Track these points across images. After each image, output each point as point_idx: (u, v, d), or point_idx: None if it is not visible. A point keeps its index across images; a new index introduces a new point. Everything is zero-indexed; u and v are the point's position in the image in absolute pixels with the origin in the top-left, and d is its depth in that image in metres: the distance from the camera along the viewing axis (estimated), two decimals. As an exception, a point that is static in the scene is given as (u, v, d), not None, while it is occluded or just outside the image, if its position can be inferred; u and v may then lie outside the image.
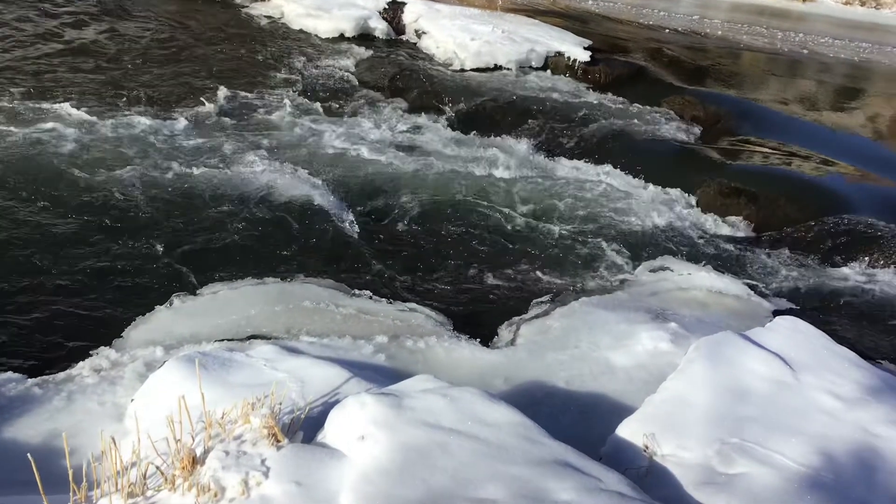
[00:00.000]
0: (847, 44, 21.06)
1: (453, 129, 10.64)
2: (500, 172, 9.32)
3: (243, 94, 10.77)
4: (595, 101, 12.22)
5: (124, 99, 9.95)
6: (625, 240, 8.11)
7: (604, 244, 7.93)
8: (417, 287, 6.77)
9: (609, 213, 8.62)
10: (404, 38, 14.90)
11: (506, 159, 9.64)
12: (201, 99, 10.28)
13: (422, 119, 10.77)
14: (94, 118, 9.05)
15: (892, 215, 9.17)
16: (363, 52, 13.43)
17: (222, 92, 10.60)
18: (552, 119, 11.16)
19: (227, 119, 9.85)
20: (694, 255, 7.96)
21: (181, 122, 9.39)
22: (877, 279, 7.94)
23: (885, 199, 9.83)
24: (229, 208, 7.54)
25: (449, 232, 7.86)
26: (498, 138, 10.42)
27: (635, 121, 11.48)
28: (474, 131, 10.59)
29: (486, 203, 8.49)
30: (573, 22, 17.25)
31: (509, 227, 8.09)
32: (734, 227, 8.87)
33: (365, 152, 9.33)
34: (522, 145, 10.29)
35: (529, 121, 11.07)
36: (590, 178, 9.49)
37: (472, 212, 8.29)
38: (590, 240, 8.02)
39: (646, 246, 8.04)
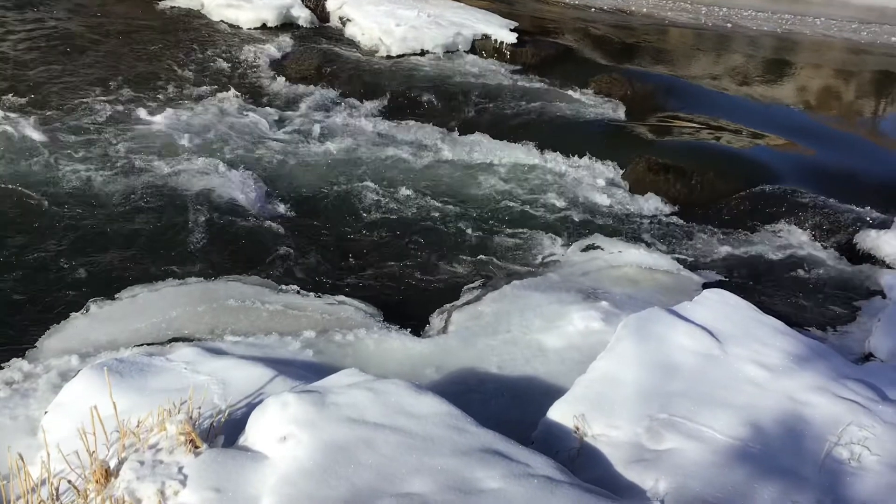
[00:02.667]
0: (770, 16, 21.41)
1: (379, 117, 10.49)
2: (426, 158, 9.23)
3: (155, 88, 10.42)
4: (522, 83, 12.17)
5: (14, 99, 9.43)
6: (555, 220, 8.10)
7: (534, 226, 7.91)
8: (346, 279, 6.65)
9: (538, 195, 8.60)
10: (329, 25, 14.67)
11: (432, 144, 9.56)
12: (109, 94, 9.91)
13: (346, 108, 10.59)
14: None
15: (817, 184, 9.34)
16: (286, 41, 13.16)
17: (131, 86, 10.25)
18: (479, 102, 11.08)
19: (138, 115, 9.45)
20: (624, 233, 8.00)
21: (86, 122, 9.01)
22: (802, 247, 8.07)
23: (811, 168, 10.02)
24: (145, 209, 7.28)
25: (376, 221, 7.74)
26: (424, 124, 10.30)
27: (563, 101, 11.47)
28: (400, 118, 10.48)
29: (413, 190, 8.38)
30: (499, 4, 17.19)
31: (438, 213, 8.00)
32: (663, 202, 8.90)
33: (287, 144, 9.15)
34: (449, 130, 10.18)
35: (456, 105, 10.98)
36: (519, 160, 9.45)
37: (400, 199, 8.18)
38: (520, 222, 7.98)
39: (576, 226, 8.04)
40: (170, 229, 6.97)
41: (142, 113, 9.49)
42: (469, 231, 7.71)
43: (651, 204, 8.85)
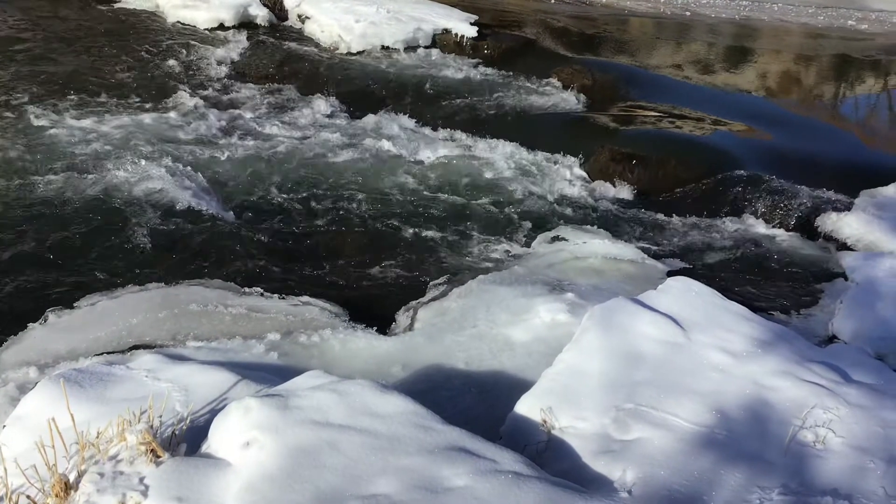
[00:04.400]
0: (728, 3, 21.61)
1: (339, 115, 10.39)
2: (387, 154, 9.16)
3: (104, 92, 10.13)
4: (484, 77, 12.14)
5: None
6: (520, 214, 8.08)
7: (498, 219, 7.90)
8: (311, 279, 6.57)
9: (502, 188, 8.58)
10: (287, 24, 14.48)
11: (393, 140, 9.48)
12: (55, 99, 9.65)
13: (303, 106, 10.45)
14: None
15: (778, 168, 9.42)
16: (244, 41, 12.94)
17: (80, 90, 10.02)
18: (440, 97, 11.04)
19: (85, 120, 9.15)
20: (589, 223, 7.98)
21: (27, 127, 8.77)
22: (765, 232, 8.14)
23: (772, 153, 10.10)
24: (100, 215, 7.11)
25: (339, 219, 7.66)
26: (385, 120, 10.22)
27: (524, 93, 11.46)
28: (360, 115, 10.38)
29: (375, 187, 8.33)
30: (460, -2, 17.14)
31: (401, 210, 7.95)
32: (627, 192, 8.93)
33: (241, 145, 9.00)
34: (410, 125, 10.15)
35: (417, 100, 10.93)
36: (481, 154, 9.41)
37: (362, 197, 8.10)
38: (484, 216, 7.96)
39: (541, 218, 8.03)
40: (127, 235, 6.81)
41: (90, 117, 9.22)
42: (433, 227, 7.66)
43: (614, 193, 8.88)
